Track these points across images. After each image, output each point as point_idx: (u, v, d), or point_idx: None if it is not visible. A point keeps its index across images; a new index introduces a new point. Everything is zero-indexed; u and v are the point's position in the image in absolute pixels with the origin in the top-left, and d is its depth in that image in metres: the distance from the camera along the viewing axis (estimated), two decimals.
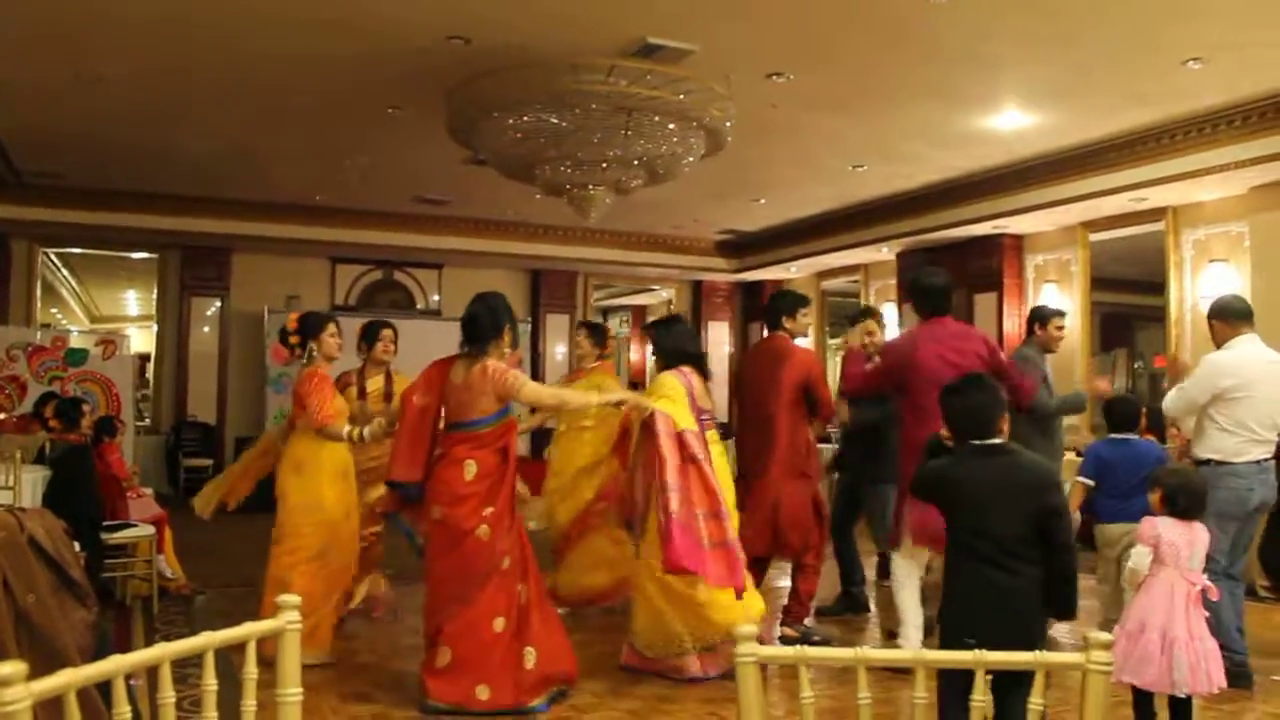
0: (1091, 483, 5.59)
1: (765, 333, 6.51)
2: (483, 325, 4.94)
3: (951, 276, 5.96)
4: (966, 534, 3.28)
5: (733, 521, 5.25)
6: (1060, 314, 6.88)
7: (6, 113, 9.19)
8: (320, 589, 5.42)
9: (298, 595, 5.22)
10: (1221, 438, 5.12)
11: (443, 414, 5.00)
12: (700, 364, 5.75)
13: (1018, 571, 3.19)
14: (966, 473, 3.34)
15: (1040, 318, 6.78)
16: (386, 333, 6.51)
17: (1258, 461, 5.11)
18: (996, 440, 3.36)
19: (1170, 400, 5.33)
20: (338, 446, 5.61)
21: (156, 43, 7.35)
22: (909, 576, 5.52)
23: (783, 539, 5.92)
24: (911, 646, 5.38)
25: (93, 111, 8.99)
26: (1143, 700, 4.02)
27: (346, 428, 5.51)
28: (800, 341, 6.39)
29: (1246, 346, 5.22)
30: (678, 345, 5.80)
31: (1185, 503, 4.02)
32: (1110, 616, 5.18)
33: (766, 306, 6.44)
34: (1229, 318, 5.32)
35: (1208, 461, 5.16)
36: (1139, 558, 3.94)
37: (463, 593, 4.69)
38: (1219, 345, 5.34)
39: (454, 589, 4.70)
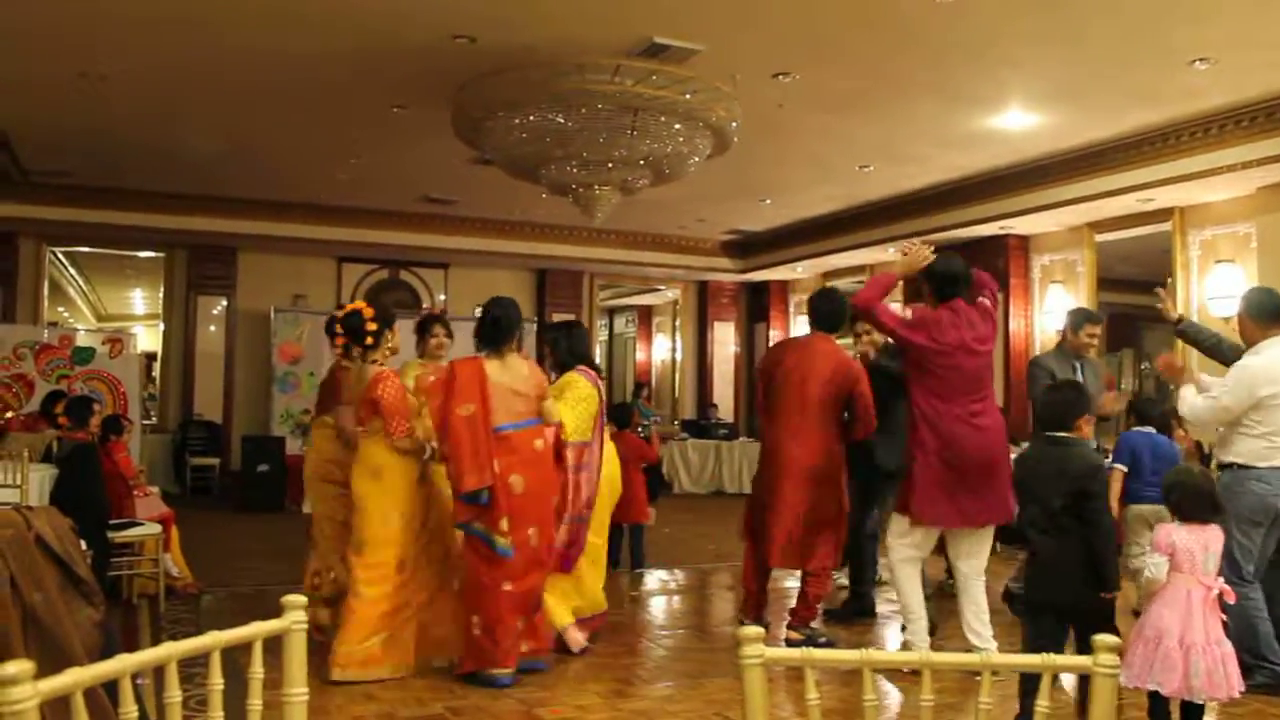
0: (1124, 468, 6.11)
1: (806, 331, 6.21)
2: (504, 328, 5.19)
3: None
4: (1032, 508, 4.22)
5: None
6: (1091, 320, 6.73)
7: (14, 112, 9.22)
8: (398, 603, 5.16)
9: (377, 609, 5.07)
10: (1249, 442, 4.95)
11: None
12: (597, 369, 6.01)
13: (1061, 539, 4.08)
14: (1036, 455, 4.39)
15: (1071, 325, 6.71)
16: (439, 328, 6.13)
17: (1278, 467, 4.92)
18: (1064, 434, 4.27)
19: (1202, 411, 5.05)
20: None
21: (162, 41, 7.36)
22: (910, 561, 5.33)
23: (806, 550, 5.78)
24: (919, 644, 5.30)
25: (99, 110, 9.01)
26: (1159, 706, 3.99)
27: (430, 443, 5.30)
28: None
29: (1273, 352, 4.98)
30: (577, 349, 5.94)
31: (1187, 506, 3.99)
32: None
33: (819, 306, 6.08)
34: (1262, 318, 5.06)
35: (1231, 465, 5.01)
36: (1156, 567, 3.91)
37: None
38: (1248, 344, 5.11)
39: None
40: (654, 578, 8.33)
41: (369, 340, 5.42)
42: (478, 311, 6.06)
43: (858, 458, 6.25)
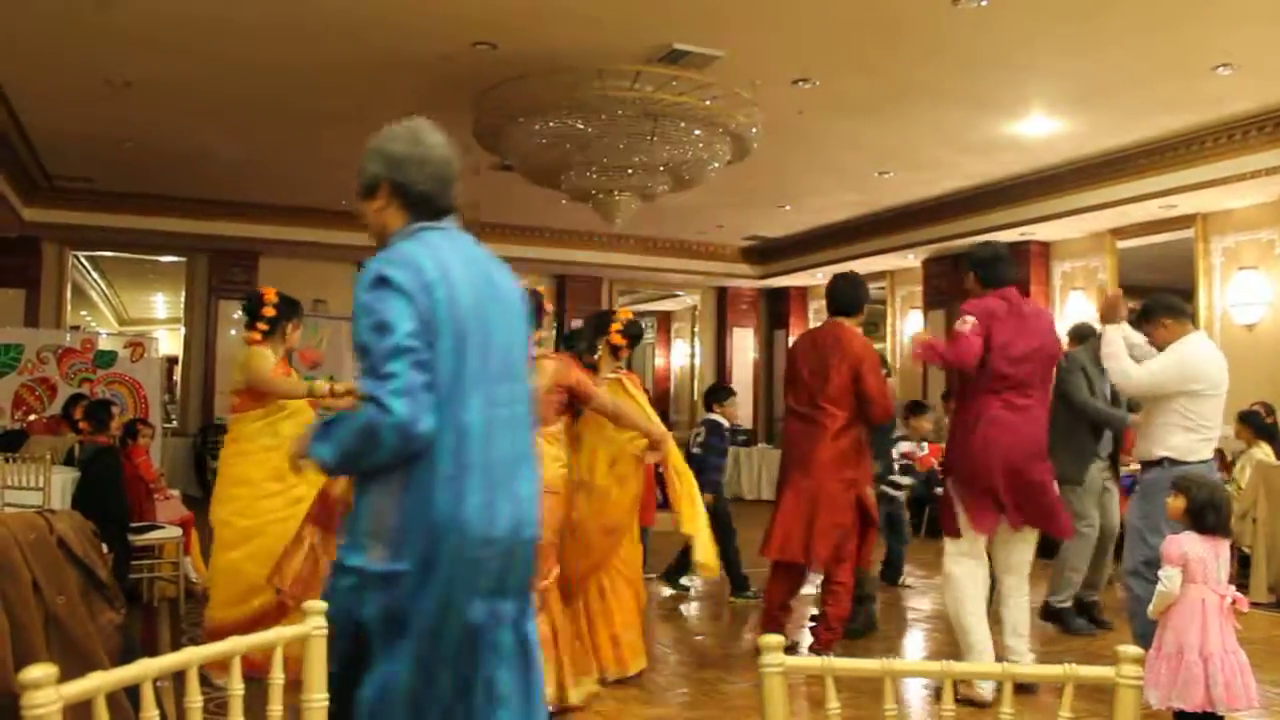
0: None
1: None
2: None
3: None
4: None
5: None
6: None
7: (39, 118, 9.29)
8: None
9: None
10: (1183, 435, 4.88)
11: None
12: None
13: None
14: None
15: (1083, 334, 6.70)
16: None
17: (1206, 461, 4.90)
18: None
19: (1139, 377, 4.93)
20: None
21: (185, 48, 7.41)
22: (972, 582, 4.97)
23: (814, 545, 5.39)
24: (984, 692, 4.73)
25: (123, 117, 9.07)
26: None
27: None
28: None
29: (1206, 344, 5.05)
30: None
31: (1213, 520, 3.94)
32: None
33: (835, 289, 5.77)
34: (1180, 314, 5.08)
35: (1161, 461, 4.92)
36: (1169, 580, 3.84)
37: None
38: (1166, 342, 5.03)
39: None
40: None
41: None
42: None
43: None
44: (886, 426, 6.64)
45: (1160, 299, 5.24)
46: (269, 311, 5.26)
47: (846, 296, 5.74)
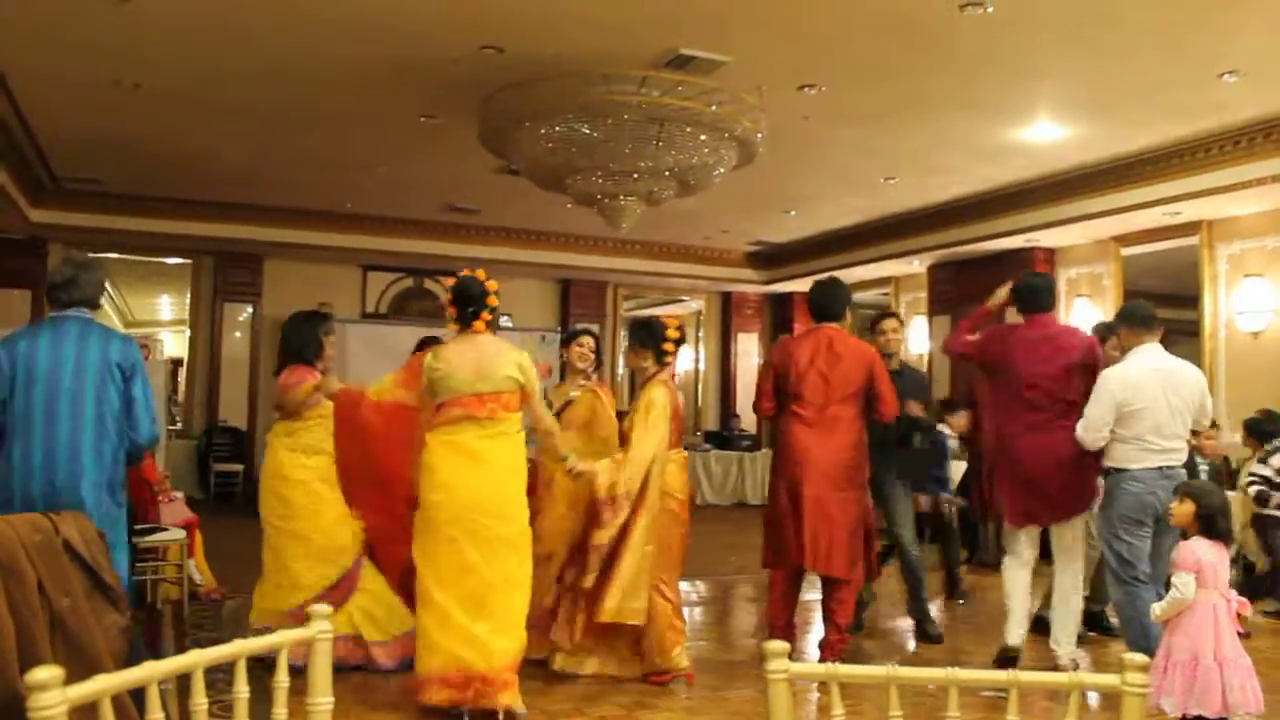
0: None
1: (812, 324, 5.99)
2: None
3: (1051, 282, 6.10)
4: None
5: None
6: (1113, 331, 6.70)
7: (46, 119, 9.31)
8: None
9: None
10: (1119, 447, 5.13)
11: None
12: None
13: None
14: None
15: (1099, 337, 6.68)
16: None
17: (1159, 468, 5.05)
18: None
19: (1083, 434, 5.22)
20: None
21: (193, 51, 7.42)
22: (1024, 557, 5.67)
23: (828, 556, 5.39)
24: (1013, 640, 5.55)
25: (130, 118, 9.09)
26: None
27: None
28: None
29: (1142, 358, 5.17)
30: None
31: (1223, 526, 3.96)
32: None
33: (822, 298, 5.96)
34: (1133, 325, 5.28)
35: (1108, 470, 5.23)
36: (1185, 586, 3.83)
37: None
38: (1123, 352, 5.33)
39: None
40: None
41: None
42: (504, 320, 6.08)
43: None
44: (936, 431, 6.87)
45: (1122, 307, 5.65)
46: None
47: (834, 302, 5.98)
